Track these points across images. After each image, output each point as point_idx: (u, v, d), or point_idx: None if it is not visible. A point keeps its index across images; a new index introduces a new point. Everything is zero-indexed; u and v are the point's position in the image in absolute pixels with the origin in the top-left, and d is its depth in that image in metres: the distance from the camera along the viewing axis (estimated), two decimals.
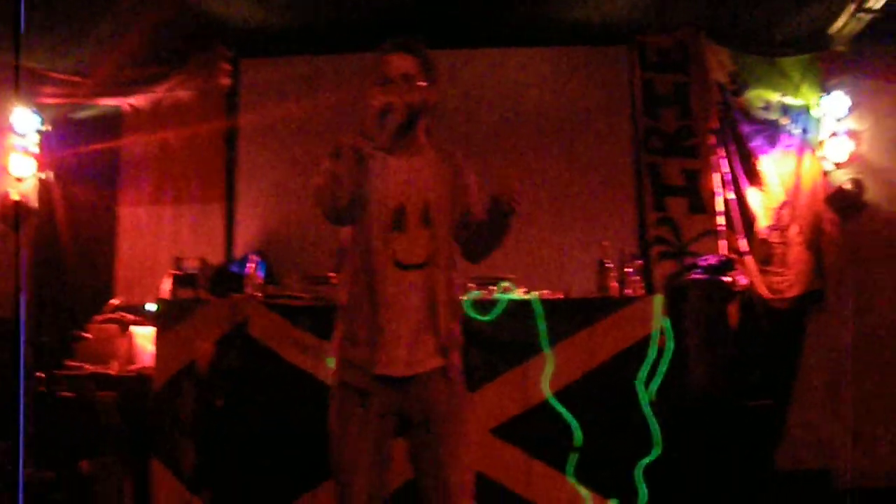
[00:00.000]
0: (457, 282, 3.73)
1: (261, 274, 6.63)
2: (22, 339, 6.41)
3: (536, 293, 6.20)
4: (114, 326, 7.43)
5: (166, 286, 6.73)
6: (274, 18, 7.77)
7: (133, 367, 7.09)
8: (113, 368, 7.11)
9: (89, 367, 7.11)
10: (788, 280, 7.65)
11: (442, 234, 3.61)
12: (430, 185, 3.63)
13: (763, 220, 7.75)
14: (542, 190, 7.93)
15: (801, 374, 7.63)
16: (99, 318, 7.54)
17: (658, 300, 6.05)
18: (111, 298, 7.89)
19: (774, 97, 7.91)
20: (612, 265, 6.28)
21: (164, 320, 6.40)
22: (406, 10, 7.55)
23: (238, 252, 8.06)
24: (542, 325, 5.95)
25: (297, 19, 7.80)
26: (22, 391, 6.03)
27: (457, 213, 3.69)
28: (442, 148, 3.77)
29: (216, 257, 7.79)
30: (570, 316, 6.03)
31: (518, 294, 6.21)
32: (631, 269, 6.30)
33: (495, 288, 6.26)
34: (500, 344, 5.93)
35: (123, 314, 7.53)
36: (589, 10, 7.65)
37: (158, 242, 8.19)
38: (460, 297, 3.90)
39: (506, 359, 5.95)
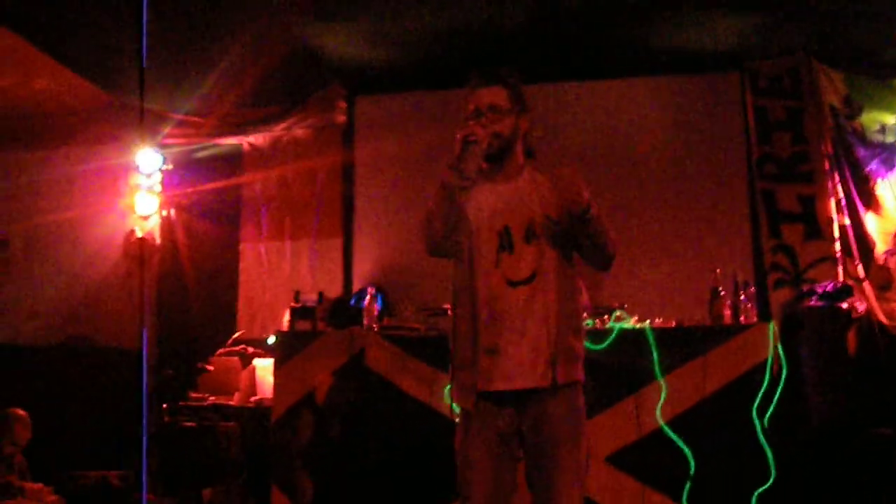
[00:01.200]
0: (578, 296, 3.73)
1: (378, 306, 6.75)
2: (144, 371, 6.67)
3: (648, 322, 6.21)
4: (235, 359, 7.64)
5: (286, 319, 6.90)
6: (386, 56, 7.94)
7: (254, 398, 7.25)
8: (234, 400, 7.31)
9: (212, 399, 7.32)
10: None
11: (550, 248, 3.60)
12: (531, 202, 3.65)
13: (881, 245, 7.59)
14: (655, 219, 7.96)
15: None
16: (222, 350, 7.76)
17: (771, 327, 5.99)
18: (233, 332, 8.13)
19: (890, 119, 7.77)
20: (725, 293, 6.25)
21: (282, 352, 6.57)
22: (512, 44, 7.63)
23: (356, 285, 8.21)
24: (655, 354, 5.95)
25: (409, 56, 7.95)
26: (145, 421, 6.27)
27: (563, 223, 3.65)
28: (551, 168, 3.79)
29: (335, 291, 7.96)
30: (683, 344, 6.01)
31: (631, 323, 6.21)
32: (744, 297, 6.25)
33: (608, 317, 6.27)
34: (613, 373, 5.91)
35: (245, 347, 7.73)
36: (696, 38, 7.63)
37: (279, 277, 8.42)
38: (582, 312, 3.89)
39: (619, 387, 5.95)
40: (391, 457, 6.13)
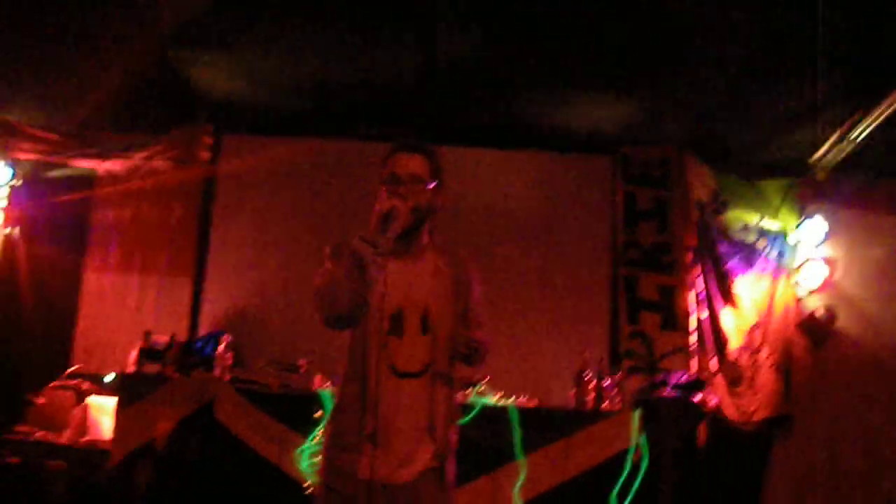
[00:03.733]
0: (457, 388, 3.65)
1: (231, 355, 6.49)
2: None
3: (513, 399, 6.12)
4: (69, 394, 7.22)
5: (132, 358, 6.56)
6: (260, 97, 7.69)
7: (85, 438, 6.88)
8: (64, 437, 6.90)
9: (39, 434, 6.89)
10: (756, 403, 7.60)
11: (441, 341, 3.48)
12: (430, 290, 3.53)
13: (734, 341, 7.72)
14: (519, 294, 7.88)
15: (766, 500, 7.55)
16: (55, 383, 7.31)
17: (636, 416, 5.99)
18: (67, 364, 7.66)
19: (753, 219, 7.96)
20: (590, 377, 6.22)
21: (127, 394, 6.23)
22: (393, 104, 7.56)
23: (203, 329, 7.84)
24: (517, 433, 5.85)
25: (283, 100, 7.74)
26: None
27: (458, 318, 3.59)
28: (447, 250, 3.68)
29: (180, 332, 7.57)
30: (547, 425, 5.96)
31: (494, 399, 6.11)
32: (609, 382, 6.24)
33: (470, 390, 6.15)
34: (472, 449, 5.73)
35: (80, 382, 7.32)
36: (577, 119, 7.70)
37: (122, 312, 7.93)
38: (458, 403, 3.81)
39: (478, 464, 5.82)
40: None
